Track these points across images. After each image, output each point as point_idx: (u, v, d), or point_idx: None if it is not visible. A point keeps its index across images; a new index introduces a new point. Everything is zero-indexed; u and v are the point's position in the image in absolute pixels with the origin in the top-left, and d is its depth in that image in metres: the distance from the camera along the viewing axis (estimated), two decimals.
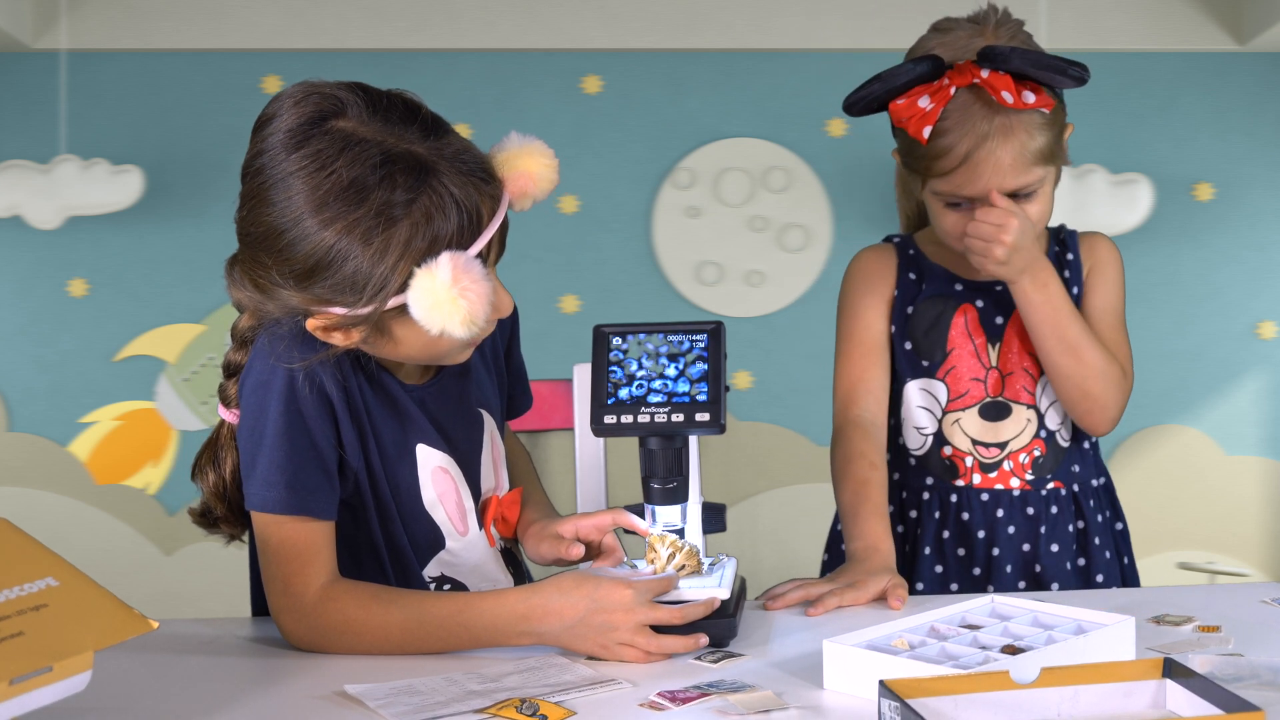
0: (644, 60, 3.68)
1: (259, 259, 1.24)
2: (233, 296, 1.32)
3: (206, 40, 3.60)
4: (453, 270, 1.19)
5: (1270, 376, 3.69)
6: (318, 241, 1.20)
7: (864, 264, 1.73)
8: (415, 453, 1.37)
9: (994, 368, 1.66)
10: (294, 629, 1.26)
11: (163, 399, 3.63)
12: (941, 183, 1.56)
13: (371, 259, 1.20)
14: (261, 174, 1.23)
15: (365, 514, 1.35)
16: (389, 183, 1.20)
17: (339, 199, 1.19)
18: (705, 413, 1.25)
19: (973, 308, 1.67)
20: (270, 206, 1.21)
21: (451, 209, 1.21)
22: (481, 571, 1.42)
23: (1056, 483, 1.68)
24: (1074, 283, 1.68)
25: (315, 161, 1.20)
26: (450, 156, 1.23)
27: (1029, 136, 1.52)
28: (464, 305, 1.19)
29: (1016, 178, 1.53)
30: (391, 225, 1.19)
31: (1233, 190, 3.68)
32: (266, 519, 1.28)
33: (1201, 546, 3.70)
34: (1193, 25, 3.65)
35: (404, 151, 1.21)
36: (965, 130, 1.51)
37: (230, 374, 1.38)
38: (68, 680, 0.90)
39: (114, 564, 3.55)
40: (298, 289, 1.23)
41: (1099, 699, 0.99)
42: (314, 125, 1.21)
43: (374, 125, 1.22)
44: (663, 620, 1.20)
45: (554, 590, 1.22)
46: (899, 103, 1.54)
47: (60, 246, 3.60)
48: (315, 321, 1.25)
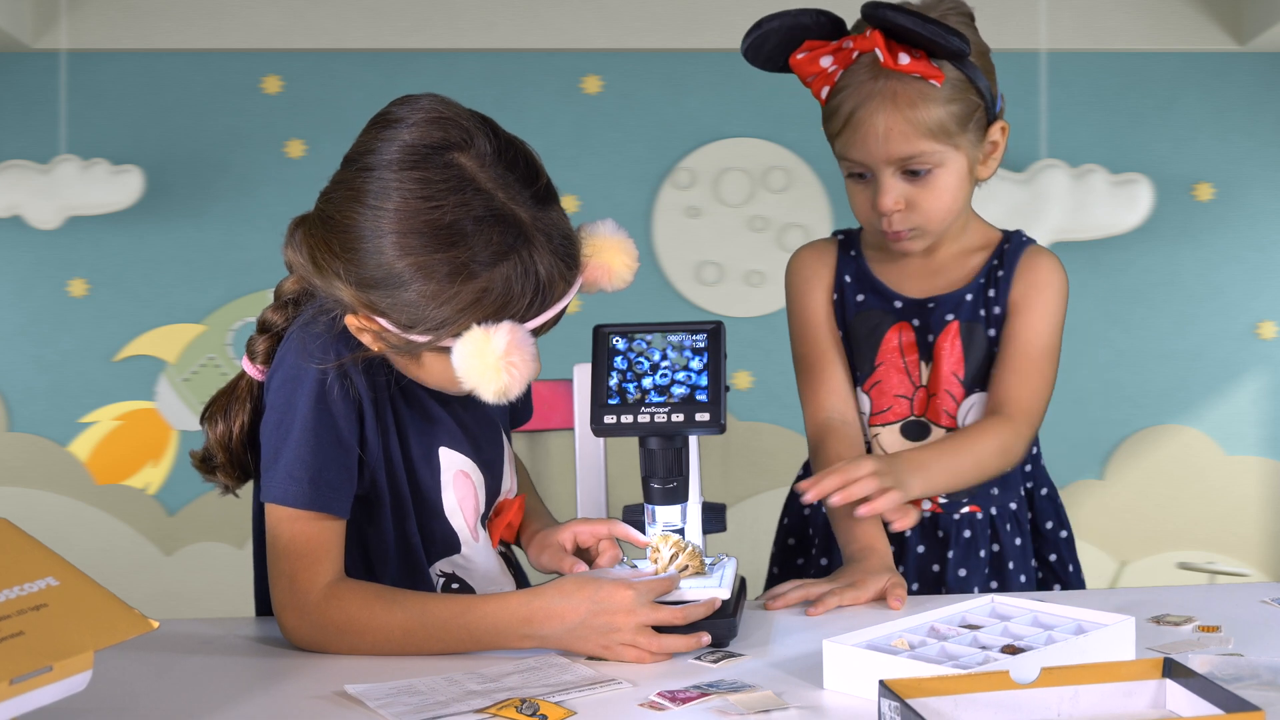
0: (644, 60, 3.68)
1: (330, 244, 1.23)
2: (286, 255, 1.31)
3: (206, 40, 3.60)
4: (509, 342, 1.19)
5: (1270, 376, 3.69)
6: (391, 263, 1.19)
7: (803, 264, 1.70)
8: (439, 455, 1.38)
9: (922, 387, 1.62)
10: (296, 625, 1.26)
11: (163, 399, 3.63)
12: (837, 146, 1.55)
13: (438, 301, 1.20)
14: (368, 172, 1.21)
15: (380, 510, 1.35)
16: (483, 237, 1.19)
17: (429, 234, 1.18)
18: (705, 413, 1.25)
19: (909, 326, 1.63)
20: (363, 207, 1.20)
21: (531, 283, 1.21)
22: (490, 576, 1.43)
23: (973, 507, 1.62)
24: (997, 302, 1.60)
25: (423, 188, 1.19)
26: (547, 230, 1.23)
27: (918, 107, 1.49)
28: (505, 379, 1.19)
29: (902, 145, 1.50)
30: (470, 279, 1.19)
31: (1233, 190, 3.69)
32: (282, 513, 1.28)
33: (1201, 546, 3.70)
34: (1193, 25, 3.65)
35: (510, 213, 1.20)
36: (852, 90, 1.51)
37: (262, 330, 1.37)
38: (68, 680, 0.90)
39: (114, 564, 3.55)
40: (356, 289, 1.22)
41: (1099, 699, 0.99)
42: (436, 151, 1.20)
43: (492, 173, 1.21)
44: (664, 620, 1.20)
45: (556, 593, 1.22)
46: (798, 57, 1.53)
47: (60, 246, 3.60)
48: (355, 321, 1.25)
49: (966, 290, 1.61)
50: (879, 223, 1.56)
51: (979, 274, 1.62)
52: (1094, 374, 3.68)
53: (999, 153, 1.59)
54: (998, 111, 1.59)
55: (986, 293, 1.60)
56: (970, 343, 1.60)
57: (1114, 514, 3.68)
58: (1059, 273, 1.61)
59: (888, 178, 1.53)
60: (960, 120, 1.52)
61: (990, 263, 1.62)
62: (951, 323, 1.61)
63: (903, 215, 1.54)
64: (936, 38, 1.45)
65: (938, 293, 1.63)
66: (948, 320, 1.61)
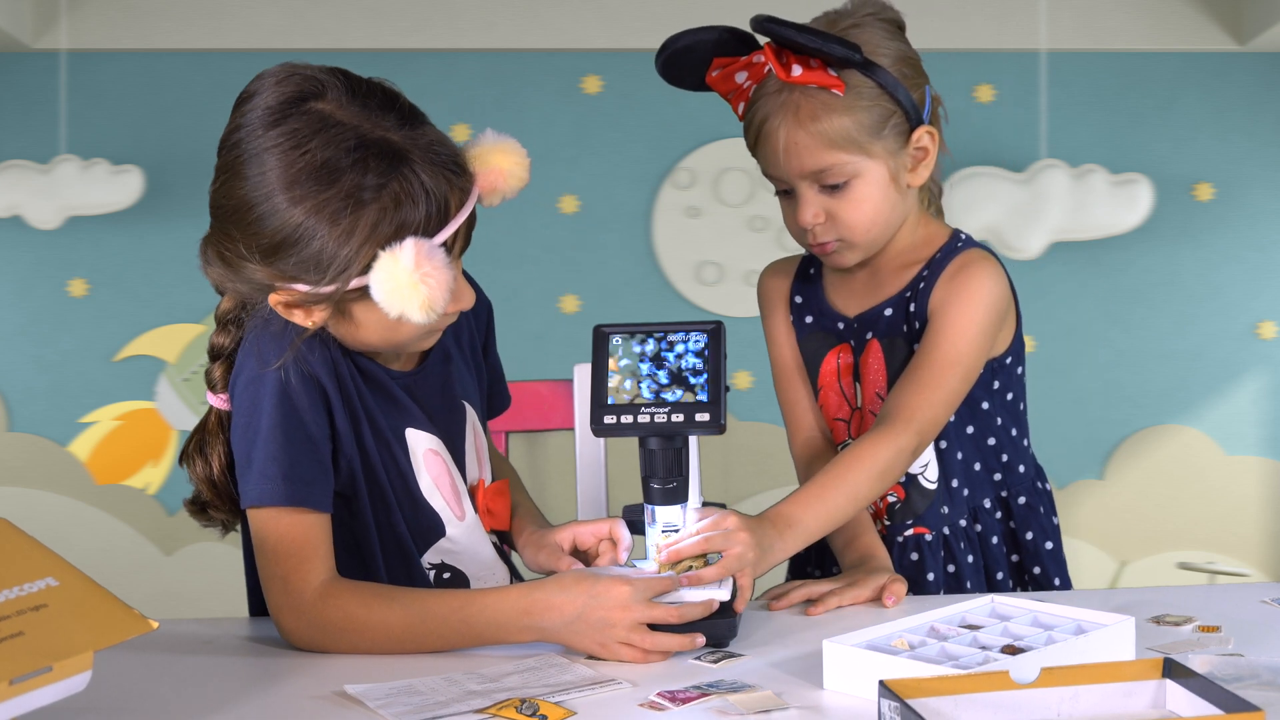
0: (644, 60, 3.67)
1: (228, 232, 1.26)
2: (208, 277, 1.34)
3: (206, 40, 3.60)
4: (416, 256, 1.21)
5: (1270, 376, 3.69)
6: (286, 218, 1.22)
7: (763, 287, 1.72)
8: (406, 437, 1.38)
9: (858, 409, 1.61)
10: (294, 627, 1.26)
11: (163, 399, 3.63)
12: (757, 161, 1.55)
13: (338, 239, 1.22)
14: (237, 148, 1.25)
15: (360, 504, 1.35)
16: (361, 166, 1.22)
17: (310, 178, 1.22)
18: (705, 413, 1.25)
19: (849, 348, 1.61)
20: (243, 180, 1.24)
21: (420, 197, 1.24)
22: (480, 559, 1.42)
23: (918, 529, 1.57)
24: (919, 315, 1.54)
25: (291, 140, 1.22)
26: (424, 147, 1.26)
27: (819, 119, 1.47)
28: (424, 290, 1.21)
29: (808, 159, 1.48)
30: (360, 208, 1.22)
31: (1233, 190, 3.68)
32: (264, 516, 1.28)
33: (1201, 546, 3.70)
34: (1193, 25, 3.65)
35: (379, 138, 1.24)
36: (760, 104, 1.51)
37: (214, 357, 1.39)
38: (68, 680, 0.90)
39: (114, 564, 3.55)
40: (263, 263, 1.25)
41: (1099, 699, 0.99)
42: (293, 105, 1.24)
43: (352, 110, 1.24)
44: (660, 619, 1.20)
45: (554, 586, 1.22)
46: (713, 74, 1.53)
47: (60, 246, 3.60)
48: (278, 297, 1.27)
49: (886, 305, 1.58)
50: (805, 236, 1.55)
51: (905, 287, 1.58)
52: (1094, 374, 3.68)
53: (930, 159, 1.54)
54: (926, 117, 1.54)
55: (909, 306, 1.57)
56: (891, 359, 1.57)
57: (1114, 514, 3.68)
58: (987, 277, 1.52)
59: (805, 191, 1.52)
60: (870, 129, 1.49)
61: (920, 273, 1.58)
62: (871, 341, 1.59)
63: (824, 227, 1.53)
64: (818, 46, 1.43)
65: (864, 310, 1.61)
66: (868, 339, 1.59)
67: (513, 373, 1.65)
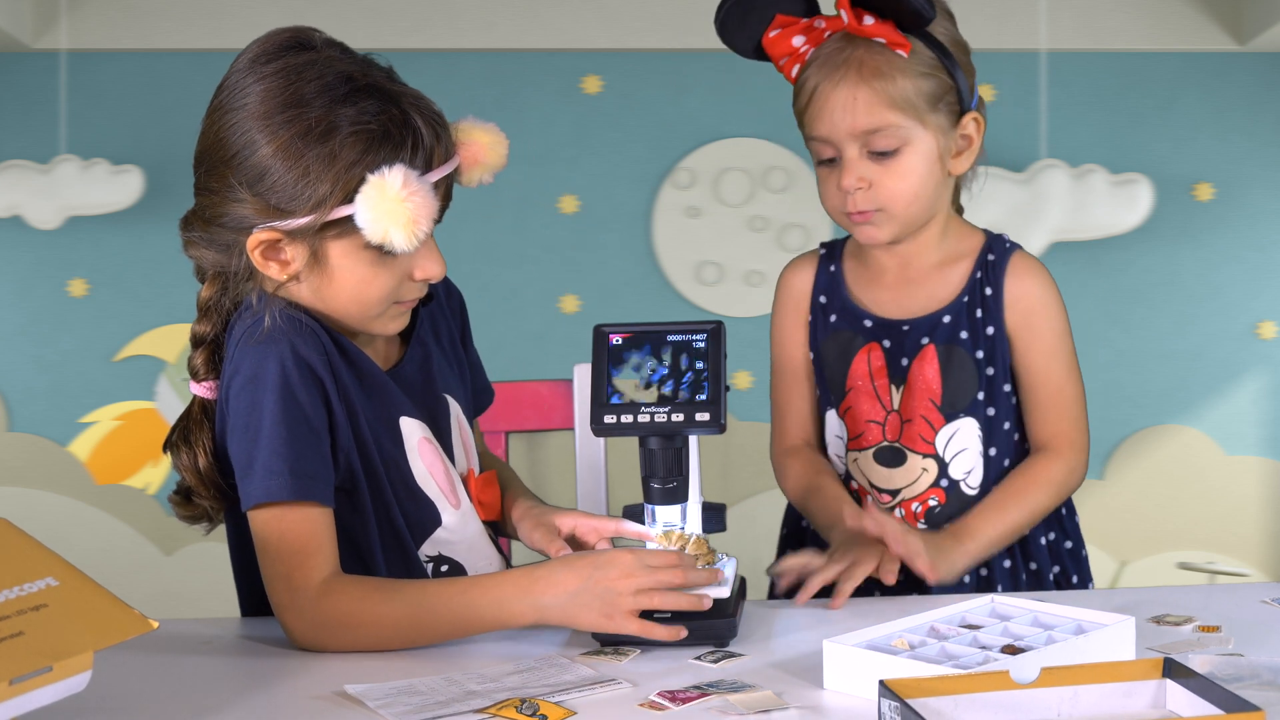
0: (644, 60, 3.68)
1: (216, 171, 1.29)
2: (188, 253, 1.36)
3: (206, 40, 3.60)
4: (404, 178, 1.23)
5: (1270, 376, 3.69)
6: (274, 139, 1.25)
7: (784, 284, 1.70)
8: (399, 425, 1.38)
9: (895, 411, 1.58)
10: (297, 625, 1.26)
11: (163, 399, 3.63)
12: (804, 123, 1.54)
13: (328, 161, 1.24)
14: (224, 91, 1.30)
15: (359, 498, 1.34)
16: (352, 99, 1.26)
17: (298, 103, 1.26)
18: (705, 413, 1.25)
19: (879, 348, 1.59)
20: (230, 114, 1.28)
21: (409, 135, 1.27)
22: (476, 548, 1.42)
23: None
24: (989, 322, 1.56)
25: (281, 74, 1.27)
26: (413, 95, 1.30)
27: (883, 76, 1.47)
28: (409, 209, 1.23)
29: (866, 116, 1.47)
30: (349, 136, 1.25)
31: (1233, 190, 3.68)
32: (267, 514, 1.27)
33: (1201, 546, 3.70)
34: (1193, 25, 3.65)
35: (369, 81, 1.28)
36: (819, 63, 1.50)
37: (196, 344, 1.39)
38: (68, 680, 0.90)
39: (114, 564, 3.54)
40: (249, 191, 1.26)
41: (1099, 699, 0.99)
42: (284, 49, 1.29)
43: (344, 59, 1.30)
44: (663, 582, 1.20)
45: (557, 563, 1.24)
46: (771, 35, 1.53)
47: (60, 246, 3.60)
48: (258, 238, 1.28)
49: (945, 311, 1.57)
50: (844, 205, 1.54)
51: (961, 291, 1.57)
52: (1094, 374, 3.66)
53: (974, 148, 1.55)
54: (974, 105, 1.55)
55: (973, 313, 1.56)
56: (950, 366, 1.56)
57: (1114, 514, 3.68)
58: (1050, 284, 1.59)
59: (851, 155, 1.51)
60: (929, 98, 1.49)
61: (974, 276, 1.57)
62: (926, 346, 1.57)
63: (865, 194, 1.51)
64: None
65: (914, 314, 1.58)
66: (923, 344, 1.57)
67: (513, 373, 1.66)
